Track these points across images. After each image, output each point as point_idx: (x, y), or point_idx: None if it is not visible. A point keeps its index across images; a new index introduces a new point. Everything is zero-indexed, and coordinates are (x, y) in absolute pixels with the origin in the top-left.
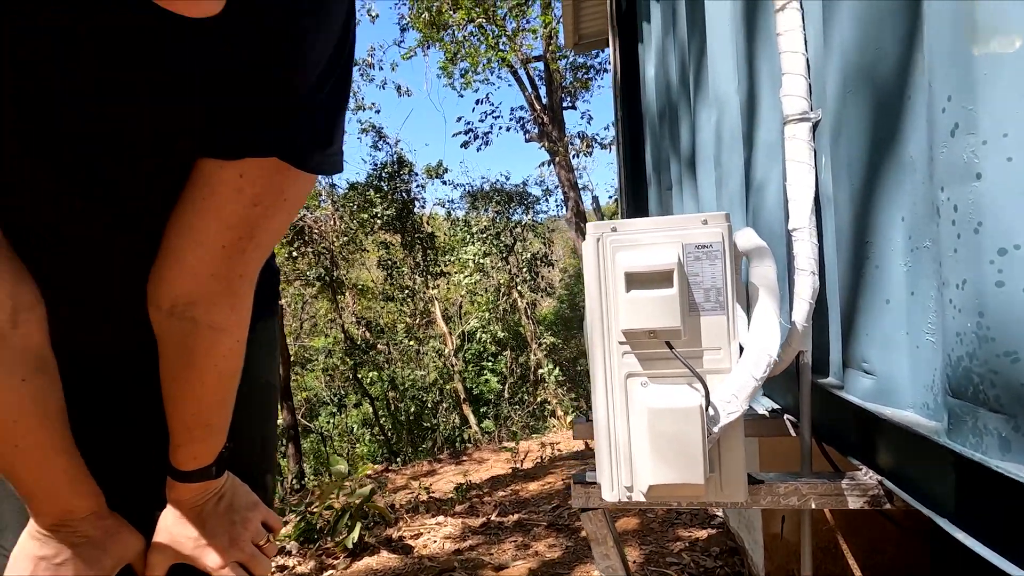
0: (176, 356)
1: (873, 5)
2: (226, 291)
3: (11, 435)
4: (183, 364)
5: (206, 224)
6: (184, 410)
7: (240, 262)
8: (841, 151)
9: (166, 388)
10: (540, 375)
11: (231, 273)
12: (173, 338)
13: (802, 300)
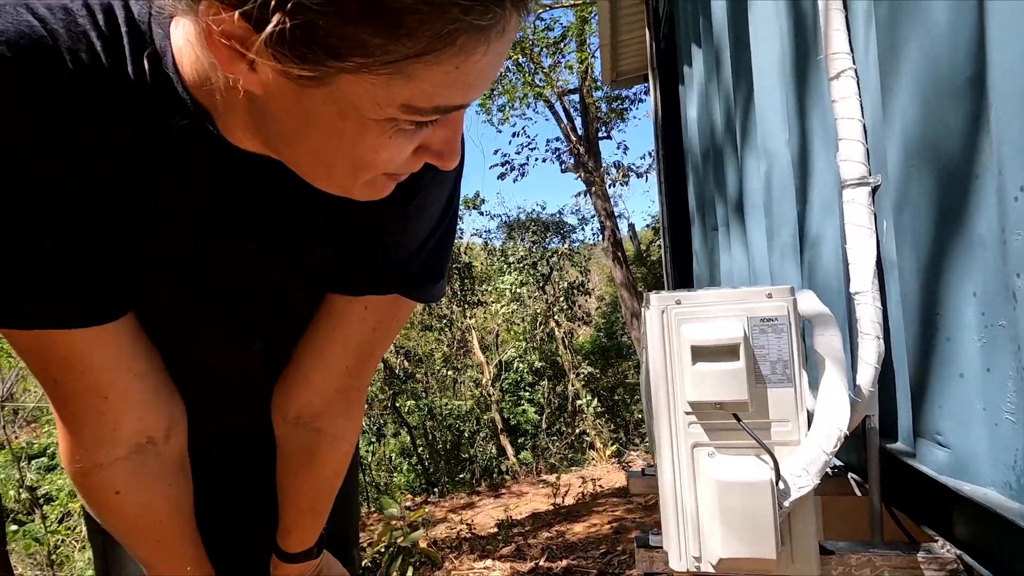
0: (298, 459)
1: (935, 82)
2: (346, 404)
3: (155, 533)
4: (303, 465)
5: (333, 349)
6: (299, 503)
7: (359, 379)
8: (905, 221)
9: (284, 483)
10: (578, 406)
11: (351, 389)
12: (296, 444)
13: (867, 364)
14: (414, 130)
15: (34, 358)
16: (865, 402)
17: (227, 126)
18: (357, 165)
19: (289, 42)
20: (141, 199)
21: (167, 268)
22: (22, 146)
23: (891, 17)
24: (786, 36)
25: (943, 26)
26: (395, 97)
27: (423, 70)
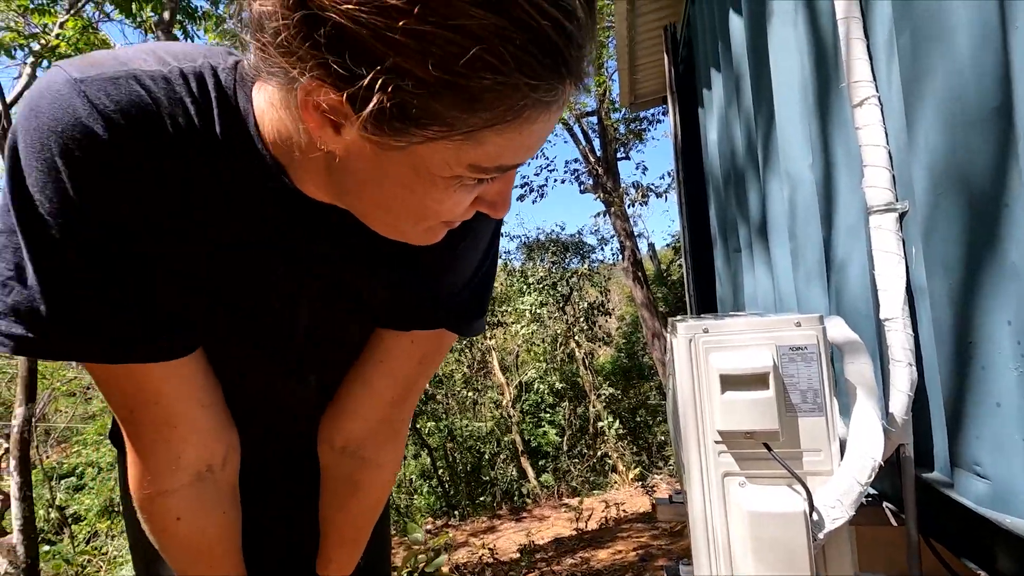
0: (343, 487)
1: (960, 111)
2: (390, 434)
3: (208, 558)
4: (348, 493)
5: (381, 381)
6: (342, 531)
7: (403, 410)
8: (935, 248)
9: (327, 512)
10: (600, 427)
11: (395, 419)
12: (342, 472)
13: (900, 392)
14: (475, 185)
15: (114, 390)
16: (899, 431)
17: (301, 178)
18: (420, 215)
19: (383, 117)
20: (220, 245)
21: (237, 308)
22: (130, 199)
23: (913, 47)
24: (807, 62)
25: (967, 56)
26: (464, 159)
27: (492, 137)
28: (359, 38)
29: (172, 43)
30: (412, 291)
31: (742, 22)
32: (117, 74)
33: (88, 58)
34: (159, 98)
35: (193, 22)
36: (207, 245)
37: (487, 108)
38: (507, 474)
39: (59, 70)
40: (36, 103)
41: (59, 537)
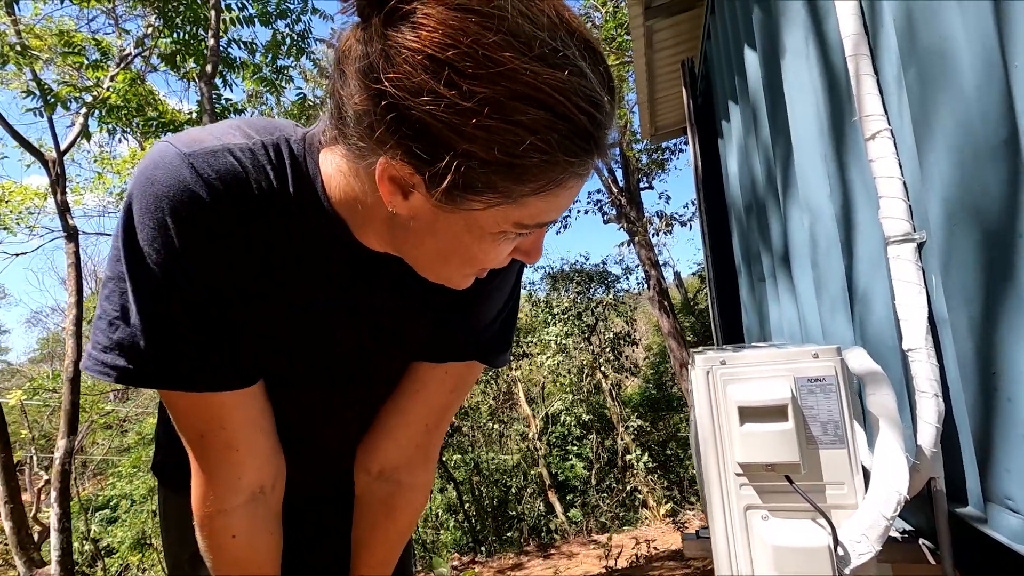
0: (378, 510)
1: (970, 145)
2: (424, 458)
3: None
4: (384, 516)
5: (417, 409)
6: (375, 553)
7: (436, 435)
8: (953, 278)
9: (361, 535)
10: (628, 461)
11: (429, 445)
12: (377, 496)
13: (927, 424)
14: (515, 238)
15: (188, 416)
16: (928, 463)
17: (362, 233)
18: (467, 263)
19: (452, 190)
20: (289, 290)
21: (300, 350)
22: (222, 253)
23: (920, 84)
24: (820, 95)
25: (972, 91)
26: (511, 218)
27: (535, 201)
28: (437, 130)
29: (252, 119)
30: (449, 328)
31: (757, 57)
32: (215, 148)
33: (189, 135)
34: (248, 167)
35: (232, 71)
36: (281, 296)
37: (534, 180)
38: (534, 509)
39: (169, 145)
40: (151, 172)
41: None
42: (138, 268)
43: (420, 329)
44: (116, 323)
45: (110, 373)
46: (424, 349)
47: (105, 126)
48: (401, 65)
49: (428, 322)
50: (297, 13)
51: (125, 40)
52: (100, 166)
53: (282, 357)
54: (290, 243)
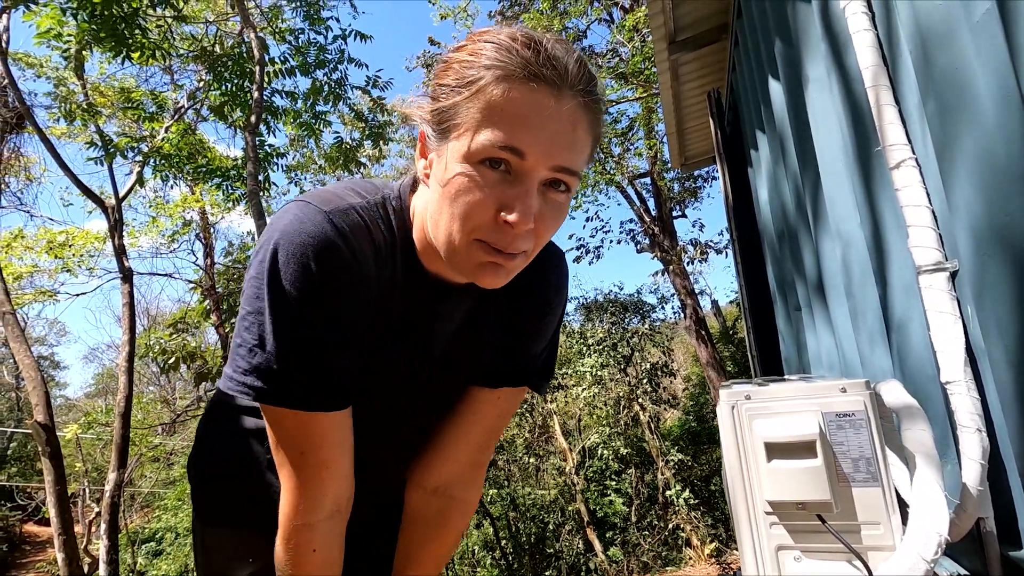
0: (432, 525)
1: (994, 173)
2: (476, 475)
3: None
4: (437, 531)
5: (473, 430)
6: (425, 565)
7: (487, 454)
8: (987, 309)
9: (411, 550)
10: (668, 497)
11: (480, 462)
12: (432, 511)
13: (971, 460)
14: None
15: (296, 436)
16: (975, 503)
17: (432, 264)
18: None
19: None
20: (387, 324)
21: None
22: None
23: (940, 114)
24: (845, 125)
25: (992, 119)
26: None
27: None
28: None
29: (360, 181)
30: (507, 356)
31: (781, 88)
32: (345, 208)
33: (321, 196)
34: (368, 222)
35: (275, 118)
36: (382, 330)
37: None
38: (573, 546)
39: (308, 204)
40: (299, 225)
41: None
42: (279, 303)
43: (482, 358)
44: (255, 350)
45: (248, 392)
46: (482, 375)
47: (159, 173)
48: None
49: (492, 350)
50: (334, 62)
51: (179, 94)
52: (154, 211)
53: (367, 385)
54: (394, 284)
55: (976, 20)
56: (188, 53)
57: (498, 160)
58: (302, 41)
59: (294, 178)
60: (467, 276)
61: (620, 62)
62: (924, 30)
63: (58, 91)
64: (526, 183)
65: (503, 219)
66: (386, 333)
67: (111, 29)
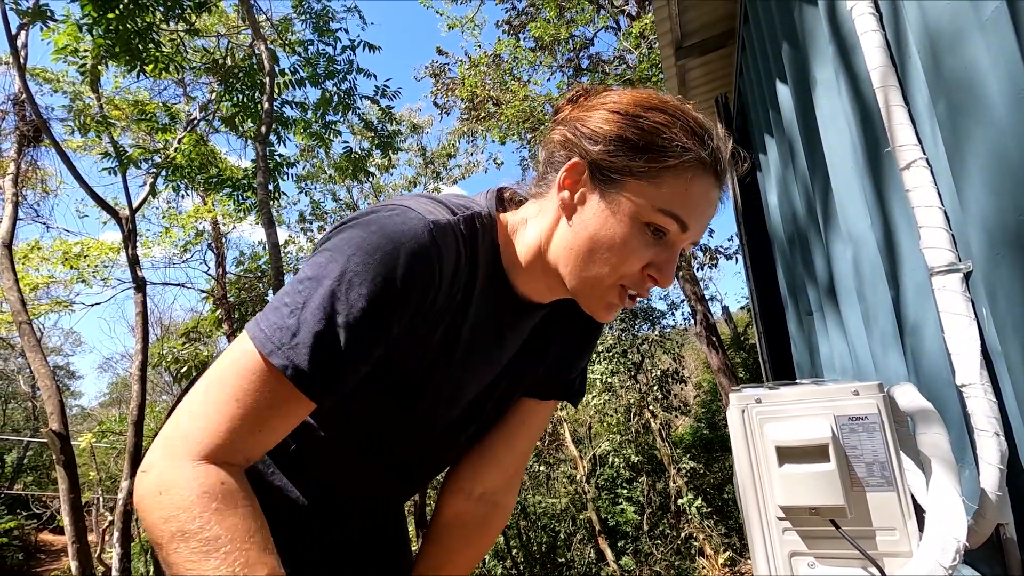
0: (474, 530)
1: (1006, 171)
2: (517, 482)
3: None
4: (479, 536)
5: (520, 440)
6: (461, 569)
7: (525, 462)
8: (1001, 309)
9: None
10: (680, 505)
11: (521, 470)
12: (475, 516)
13: (989, 465)
14: (652, 243)
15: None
16: (994, 508)
17: (521, 281)
18: (612, 263)
19: (606, 171)
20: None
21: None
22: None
23: (950, 113)
24: (854, 126)
25: (1004, 118)
26: (649, 198)
27: (669, 180)
28: (602, 129)
29: (455, 196)
30: (561, 370)
31: (789, 91)
32: (443, 223)
33: (425, 205)
34: (458, 239)
35: (285, 128)
36: (452, 343)
37: (665, 158)
38: (584, 556)
39: (413, 210)
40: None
41: None
42: (345, 282)
43: (540, 371)
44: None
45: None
46: (535, 388)
47: (171, 184)
48: (585, 111)
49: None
50: (343, 73)
51: (192, 106)
52: (167, 221)
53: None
54: (468, 299)
55: (985, 19)
56: (200, 66)
57: (663, 230)
58: (311, 52)
59: (304, 187)
60: (589, 309)
61: (627, 69)
62: (932, 30)
63: (74, 105)
64: (675, 250)
65: (647, 274)
66: (455, 343)
67: (126, 44)
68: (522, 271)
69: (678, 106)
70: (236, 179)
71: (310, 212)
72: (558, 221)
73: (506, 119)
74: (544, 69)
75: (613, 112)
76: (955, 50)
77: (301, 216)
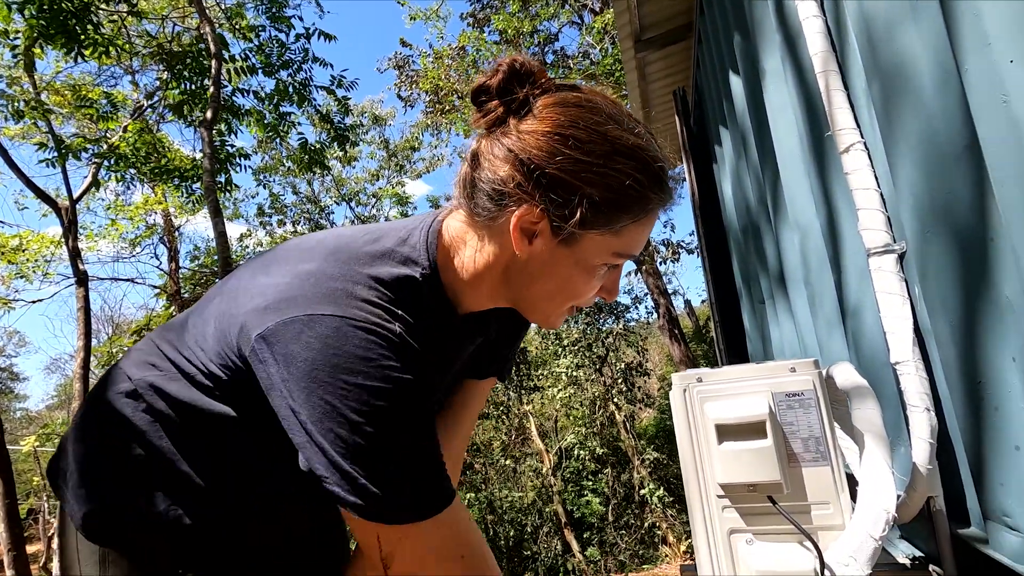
0: None
1: (935, 151)
2: (461, 463)
3: None
4: None
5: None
6: None
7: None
8: (931, 287)
9: None
10: (644, 495)
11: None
12: None
13: (920, 440)
14: (605, 273)
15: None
16: (925, 481)
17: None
18: (569, 298)
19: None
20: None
21: None
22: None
23: (884, 97)
24: (800, 113)
25: (932, 100)
26: (611, 248)
27: (631, 229)
28: (567, 180)
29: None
30: (498, 347)
31: (741, 82)
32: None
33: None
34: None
35: (238, 119)
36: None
37: (631, 211)
38: (551, 548)
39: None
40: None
41: None
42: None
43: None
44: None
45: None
46: (472, 368)
47: (115, 174)
48: (536, 141)
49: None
50: (299, 63)
51: (140, 93)
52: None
53: None
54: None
55: (917, 5)
56: (146, 51)
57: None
58: (264, 39)
59: (263, 180)
60: (539, 323)
61: (591, 64)
62: (869, 16)
63: (12, 90)
64: (620, 269)
65: (600, 295)
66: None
67: (61, 25)
68: (464, 286)
69: (641, 145)
70: (185, 169)
71: (269, 205)
72: (508, 252)
73: (470, 112)
74: None
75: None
76: (889, 36)
77: (260, 209)
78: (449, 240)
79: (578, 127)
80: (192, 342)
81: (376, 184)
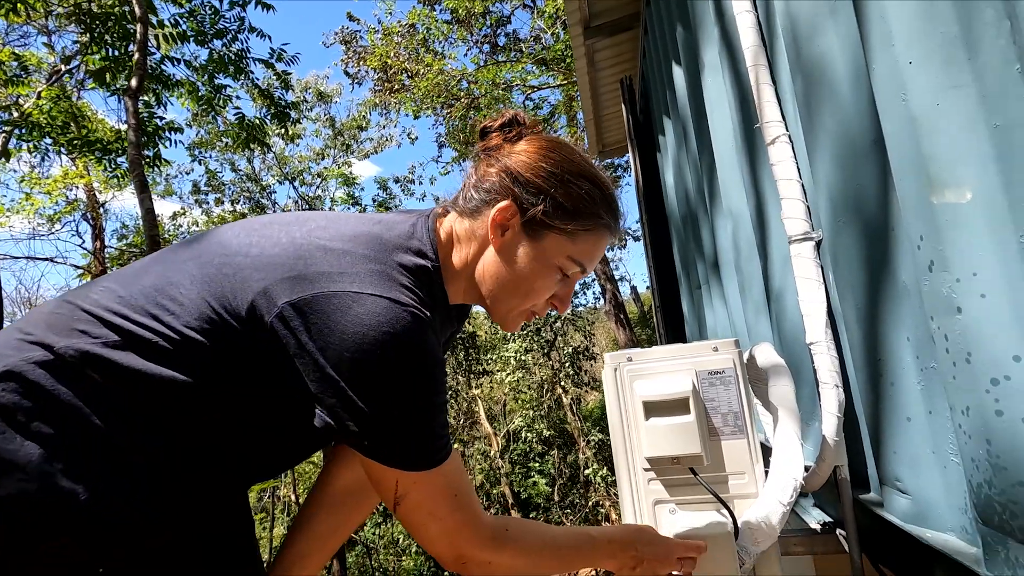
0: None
1: (848, 145)
2: None
3: None
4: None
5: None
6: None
7: None
8: (841, 272)
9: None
10: (588, 476)
11: None
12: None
13: (829, 414)
14: (559, 281)
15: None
16: (832, 452)
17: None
18: (528, 294)
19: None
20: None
21: None
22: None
23: (805, 89)
24: (734, 106)
25: (847, 95)
26: (566, 251)
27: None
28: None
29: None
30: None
31: (682, 73)
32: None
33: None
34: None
35: (168, 90)
36: None
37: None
38: None
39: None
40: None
41: None
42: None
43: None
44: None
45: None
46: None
47: (28, 144)
48: (521, 157)
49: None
50: (233, 32)
51: (56, 57)
52: (28, 186)
53: None
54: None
55: (836, 4)
56: (62, 10)
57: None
58: (195, 3)
59: (198, 156)
60: (499, 323)
61: (542, 49)
62: (794, 13)
63: None
64: (573, 284)
65: (552, 303)
66: None
67: None
68: (451, 278)
69: (601, 178)
70: (108, 141)
71: (205, 183)
72: (485, 247)
73: (420, 92)
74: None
75: (550, 171)
76: (811, 33)
77: (196, 187)
78: (444, 237)
79: (555, 152)
80: (151, 305)
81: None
